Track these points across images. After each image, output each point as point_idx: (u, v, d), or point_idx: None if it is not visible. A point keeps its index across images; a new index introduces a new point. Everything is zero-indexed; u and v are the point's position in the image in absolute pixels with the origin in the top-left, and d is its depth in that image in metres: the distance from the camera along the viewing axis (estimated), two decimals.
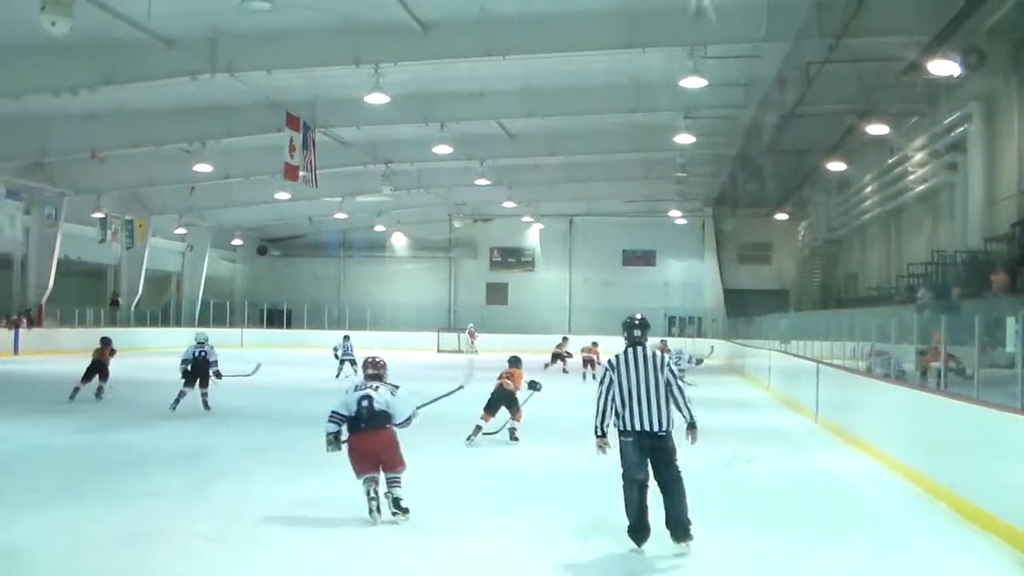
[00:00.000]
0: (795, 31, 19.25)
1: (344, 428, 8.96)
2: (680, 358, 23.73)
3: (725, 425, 16.08)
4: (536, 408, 14.82)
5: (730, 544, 8.23)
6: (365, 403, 8.90)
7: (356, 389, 9.08)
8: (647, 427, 7.85)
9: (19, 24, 18.98)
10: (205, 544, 7.93)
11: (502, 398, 14.21)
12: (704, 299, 50.41)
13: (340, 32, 20.33)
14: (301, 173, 25.58)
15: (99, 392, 19.28)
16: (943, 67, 18.19)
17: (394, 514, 8.62)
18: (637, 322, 8.25)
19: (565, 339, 33.27)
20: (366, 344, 28.35)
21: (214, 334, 34.60)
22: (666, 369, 8.02)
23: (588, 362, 28.72)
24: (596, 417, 8.05)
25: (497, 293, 54.16)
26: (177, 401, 17.23)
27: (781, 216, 43.66)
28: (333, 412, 8.99)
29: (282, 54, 21.28)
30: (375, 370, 9.36)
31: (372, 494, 8.63)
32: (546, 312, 50.75)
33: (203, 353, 17.85)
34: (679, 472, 7.91)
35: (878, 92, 22.81)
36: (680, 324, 50.29)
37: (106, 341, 20.12)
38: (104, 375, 19.53)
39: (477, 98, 26.80)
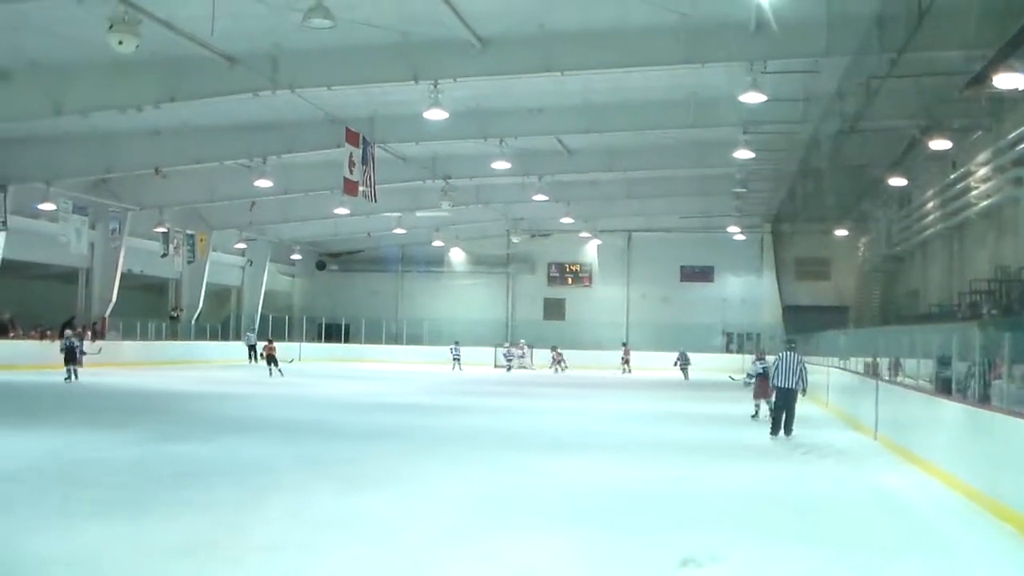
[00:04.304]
0: (856, 45, 19.06)
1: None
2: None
3: (784, 444, 15.91)
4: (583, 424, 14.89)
5: (788, 562, 8.16)
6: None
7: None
8: (787, 385, 16.80)
9: (87, 43, 19.39)
10: (261, 555, 8.01)
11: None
12: (762, 315, 49.92)
13: (400, 49, 20.44)
14: (360, 188, 25.71)
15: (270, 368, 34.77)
16: (1008, 80, 17.86)
17: None
18: (792, 339, 20.51)
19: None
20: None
21: None
22: (800, 364, 16.90)
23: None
24: (770, 378, 17.44)
25: (554, 309, 54.10)
26: (68, 375, 27.83)
27: (841, 232, 43.09)
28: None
29: (342, 71, 21.47)
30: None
31: None
32: (603, 328, 50.66)
33: (74, 345, 28.52)
34: (795, 406, 16.98)
35: (941, 107, 22.53)
36: (738, 340, 49.95)
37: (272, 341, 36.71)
38: (275, 362, 34.76)
39: (536, 114, 26.83)
